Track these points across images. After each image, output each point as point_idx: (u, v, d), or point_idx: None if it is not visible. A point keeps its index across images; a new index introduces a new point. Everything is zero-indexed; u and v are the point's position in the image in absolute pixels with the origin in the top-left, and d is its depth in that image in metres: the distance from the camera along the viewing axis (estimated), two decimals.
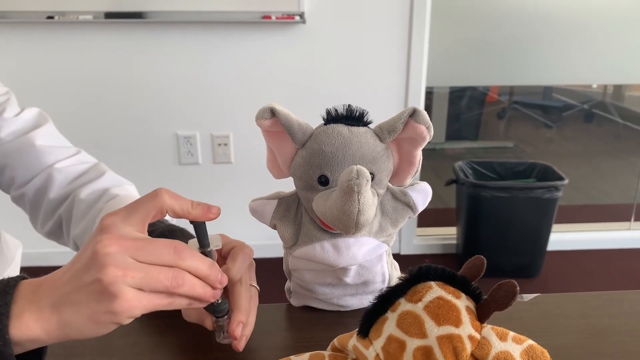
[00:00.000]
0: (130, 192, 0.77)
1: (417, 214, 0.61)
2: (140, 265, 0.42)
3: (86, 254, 0.42)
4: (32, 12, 2.01)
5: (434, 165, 3.19)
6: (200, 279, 0.46)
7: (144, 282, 0.42)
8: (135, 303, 0.41)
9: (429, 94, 2.77)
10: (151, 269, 0.42)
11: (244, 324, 0.53)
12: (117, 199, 0.73)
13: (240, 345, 0.54)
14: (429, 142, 0.55)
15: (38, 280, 0.44)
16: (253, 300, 0.57)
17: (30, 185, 0.76)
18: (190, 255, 0.45)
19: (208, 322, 0.54)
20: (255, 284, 0.59)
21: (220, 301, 0.52)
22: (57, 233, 0.79)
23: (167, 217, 0.74)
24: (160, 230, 0.66)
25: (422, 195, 0.61)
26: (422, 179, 2.67)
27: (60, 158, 0.77)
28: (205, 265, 0.46)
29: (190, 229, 0.55)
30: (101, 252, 0.41)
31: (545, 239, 2.27)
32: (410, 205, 0.60)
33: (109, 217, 0.44)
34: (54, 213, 0.77)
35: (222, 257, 0.58)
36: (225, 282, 0.48)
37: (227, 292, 0.55)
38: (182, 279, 0.44)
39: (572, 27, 2.29)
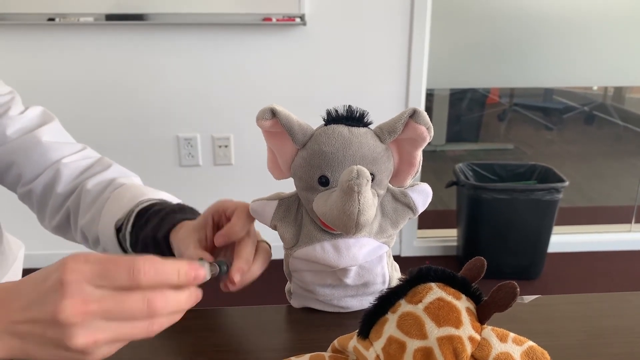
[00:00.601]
0: (135, 182, 0.78)
1: (417, 215, 0.61)
2: (111, 325, 0.39)
3: (43, 313, 0.38)
4: (33, 14, 2.01)
5: (435, 167, 3.19)
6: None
7: (117, 339, 0.40)
8: (110, 352, 0.40)
9: (430, 96, 2.77)
10: (122, 327, 0.40)
11: (243, 270, 0.56)
12: (124, 187, 0.74)
13: (233, 288, 0.57)
14: (429, 144, 0.55)
15: None
16: (261, 253, 0.61)
17: (37, 181, 0.76)
18: (164, 306, 0.40)
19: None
20: (266, 240, 0.63)
21: (219, 269, 0.54)
22: (64, 227, 0.79)
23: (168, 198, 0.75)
24: (170, 208, 0.68)
25: (422, 196, 0.61)
26: (422, 180, 2.64)
27: (67, 154, 0.78)
28: (182, 303, 0.42)
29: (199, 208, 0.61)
30: (65, 323, 0.37)
31: (545, 241, 2.27)
32: (410, 206, 0.60)
33: (72, 272, 0.39)
34: (61, 207, 0.77)
35: (227, 218, 0.61)
36: (201, 276, 0.44)
37: (232, 248, 0.59)
38: (158, 325, 0.41)
39: (573, 29, 2.29)
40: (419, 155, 0.57)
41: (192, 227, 0.62)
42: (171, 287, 0.42)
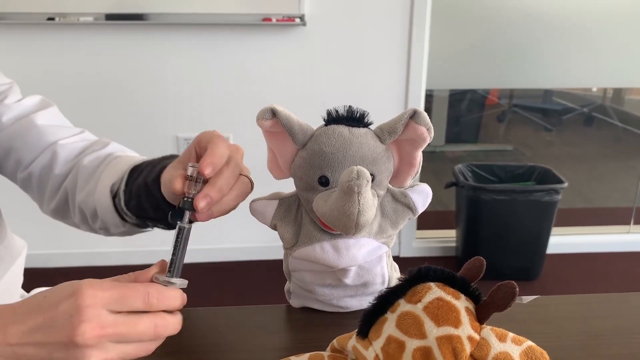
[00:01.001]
0: (131, 154, 0.78)
1: (417, 215, 0.61)
2: (120, 346, 0.43)
3: (57, 335, 0.41)
4: (33, 14, 2.01)
5: (434, 168, 3.19)
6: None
7: (124, 357, 0.44)
8: None
9: (429, 96, 2.77)
10: (128, 348, 0.44)
11: (211, 198, 0.53)
12: (119, 159, 0.73)
13: (201, 217, 0.55)
14: (428, 145, 0.55)
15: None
16: (238, 185, 0.57)
17: (35, 163, 0.75)
18: (165, 331, 0.46)
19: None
20: (248, 174, 0.60)
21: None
22: (62, 210, 0.78)
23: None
24: (162, 157, 0.68)
25: (422, 196, 0.61)
26: (422, 181, 2.64)
27: (64, 136, 0.77)
28: (177, 326, 0.48)
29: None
30: (82, 344, 0.41)
31: (544, 242, 2.27)
32: (410, 207, 0.60)
33: (90, 299, 0.42)
34: (59, 188, 0.76)
35: (202, 148, 0.58)
36: (185, 301, 0.50)
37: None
38: (155, 345, 0.47)
39: (572, 30, 2.30)
40: (419, 156, 0.57)
41: (176, 162, 0.60)
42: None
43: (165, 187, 0.59)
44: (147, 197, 0.65)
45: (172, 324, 0.47)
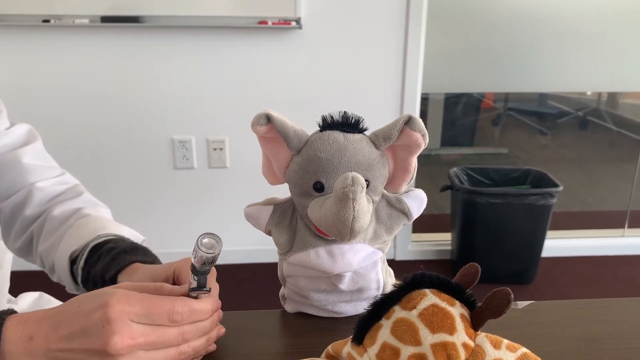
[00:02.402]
0: (102, 214, 0.77)
1: (411, 221, 0.61)
2: (150, 354, 0.46)
3: (89, 344, 0.44)
4: (28, 16, 2.00)
5: (429, 171, 3.19)
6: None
7: None
8: None
9: (425, 100, 2.77)
10: (157, 355, 0.47)
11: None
12: (87, 218, 0.74)
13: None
14: (424, 148, 0.55)
15: (29, 323, 0.46)
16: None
17: (8, 201, 0.76)
18: (195, 335, 0.50)
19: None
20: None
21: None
22: (27, 250, 0.79)
23: (129, 235, 0.74)
24: (122, 248, 0.67)
25: (417, 202, 0.61)
26: (417, 184, 2.67)
27: (44, 177, 0.78)
28: (207, 327, 0.51)
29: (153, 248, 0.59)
30: (115, 353, 0.43)
31: (539, 245, 2.28)
32: (405, 212, 0.60)
33: (118, 313, 0.44)
34: (26, 229, 0.77)
35: (180, 279, 0.61)
36: (222, 332, 0.56)
37: None
38: (186, 354, 0.49)
39: (567, 34, 2.31)
40: (413, 162, 0.57)
41: (149, 275, 0.63)
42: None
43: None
44: (103, 286, 0.67)
45: (201, 329, 0.50)
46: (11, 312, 0.47)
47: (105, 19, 2.02)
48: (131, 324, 0.44)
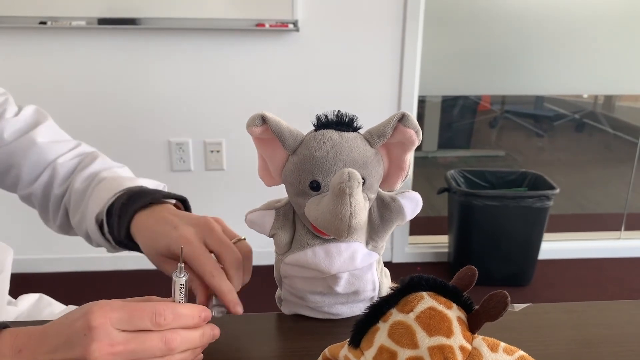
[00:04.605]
0: (118, 173, 0.78)
1: (405, 222, 0.61)
2: None
3: (71, 354, 0.43)
4: (25, 17, 2.00)
5: (426, 173, 3.20)
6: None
7: None
8: None
9: (422, 102, 2.78)
10: None
11: (237, 298, 0.57)
12: (105, 181, 0.74)
13: (237, 309, 0.57)
14: (421, 150, 0.56)
15: (19, 337, 0.46)
16: (245, 261, 0.60)
17: (37, 184, 0.78)
18: (180, 343, 0.47)
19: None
20: (243, 238, 0.63)
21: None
22: (67, 226, 0.81)
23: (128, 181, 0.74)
24: (125, 198, 0.67)
25: (412, 203, 0.60)
26: (414, 187, 2.68)
27: (62, 152, 0.79)
28: (196, 339, 0.49)
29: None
30: None
31: (536, 248, 2.28)
32: (399, 212, 0.60)
33: (100, 319, 0.44)
34: (59, 207, 0.79)
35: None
36: (217, 334, 0.53)
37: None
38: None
39: (564, 37, 2.31)
40: (408, 159, 0.57)
41: (151, 241, 0.62)
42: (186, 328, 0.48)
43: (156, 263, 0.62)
44: (129, 245, 0.68)
45: (188, 338, 0.48)
46: (5, 325, 0.47)
47: (102, 21, 2.02)
48: (112, 331, 0.44)
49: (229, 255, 0.58)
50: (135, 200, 0.65)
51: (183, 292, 0.51)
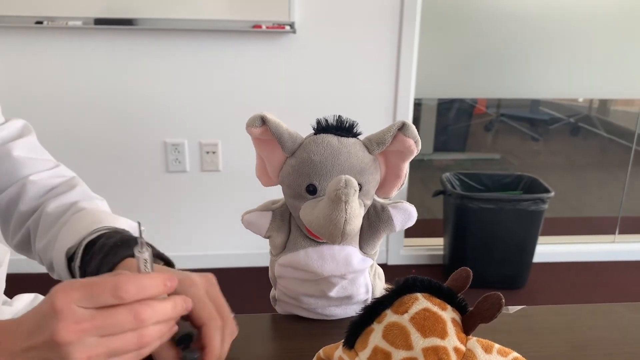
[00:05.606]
0: (98, 206, 0.74)
1: (395, 232, 0.61)
2: (103, 341, 0.43)
3: (42, 338, 0.42)
4: (21, 17, 1.99)
5: (422, 176, 3.20)
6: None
7: (111, 353, 0.43)
8: None
9: (418, 105, 2.78)
10: (115, 340, 0.43)
11: None
12: (82, 212, 0.71)
13: None
14: (416, 155, 0.56)
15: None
16: (228, 331, 0.53)
17: (3, 195, 0.75)
18: (151, 315, 0.44)
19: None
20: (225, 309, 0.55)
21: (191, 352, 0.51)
22: (26, 246, 0.78)
23: (124, 226, 0.70)
24: (113, 242, 0.63)
25: (402, 214, 0.60)
26: (410, 189, 2.68)
27: (37, 170, 0.76)
28: (168, 310, 0.46)
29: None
30: (62, 342, 0.41)
31: (531, 251, 2.29)
32: (387, 223, 0.60)
33: (62, 299, 0.42)
34: (22, 225, 0.76)
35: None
36: (190, 307, 0.49)
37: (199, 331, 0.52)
38: (148, 336, 0.44)
39: (560, 41, 2.32)
40: (405, 168, 0.57)
41: None
42: (156, 299, 0.46)
43: None
44: None
45: (159, 310, 0.45)
46: None
47: (99, 21, 2.01)
48: (76, 310, 0.42)
49: (227, 321, 0.53)
50: (129, 245, 0.62)
51: (148, 268, 0.48)
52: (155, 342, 0.46)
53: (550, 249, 2.57)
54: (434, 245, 2.58)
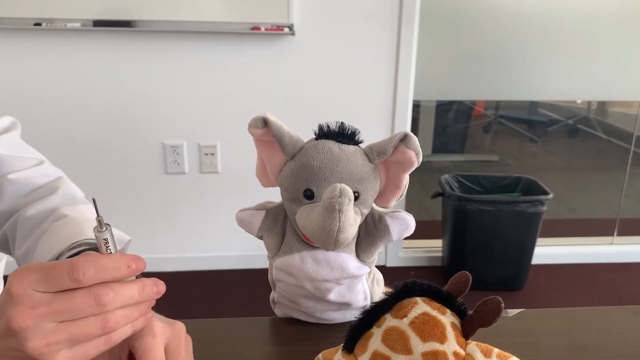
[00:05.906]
0: (82, 212, 0.68)
1: (391, 241, 0.60)
2: (63, 326, 0.40)
3: (2, 325, 0.40)
4: (19, 19, 1.99)
5: (421, 177, 3.20)
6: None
7: (73, 340, 0.40)
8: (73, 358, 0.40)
9: (416, 107, 2.78)
10: (76, 326, 0.40)
11: None
12: (64, 220, 0.66)
13: None
14: (416, 167, 0.55)
15: None
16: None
17: None
18: (114, 297, 0.41)
19: None
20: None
21: None
22: (4, 247, 0.74)
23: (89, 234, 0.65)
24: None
25: (400, 224, 0.60)
26: (408, 191, 2.66)
27: (16, 169, 0.71)
28: (134, 293, 0.42)
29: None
30: (17, 328, 0.39)
31: (529, 253, 2.29)
32: (384, 232, 0.60)
33: (17, 283, 0.40)
34: (1, 226, 0.72)
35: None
36: (162, 290, 0.45)
37: None
38: (113, 321, 0.41)
39: (558, 43, 2.33)
40: (405, 179, 0.57)
41: None
42: (121, 282, 0.42)
43: None
44: None
45: (122, 292, 0.41)
46: None
47: (97, 23, 2.01)
48: (32, 294, 0.39)
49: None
50: None
51: (110, 248, 0.43)
52: (124, 329, 0.43)
53: (549, 251, 2.57)
54: (433, 247, 2.58)
